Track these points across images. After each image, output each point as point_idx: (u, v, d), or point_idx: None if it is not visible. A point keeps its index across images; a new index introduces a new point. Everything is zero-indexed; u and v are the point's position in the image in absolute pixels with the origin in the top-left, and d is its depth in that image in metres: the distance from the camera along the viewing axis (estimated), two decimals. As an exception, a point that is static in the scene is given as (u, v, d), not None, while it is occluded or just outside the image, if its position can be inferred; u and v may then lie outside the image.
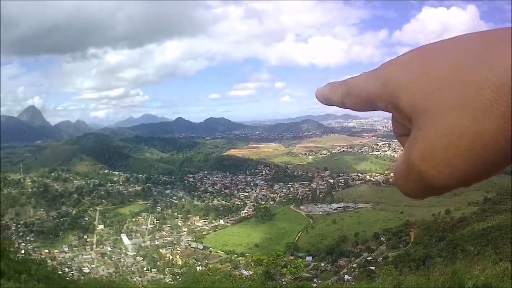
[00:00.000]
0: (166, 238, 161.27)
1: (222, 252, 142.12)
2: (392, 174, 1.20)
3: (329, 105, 1.37)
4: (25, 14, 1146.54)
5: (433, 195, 1.13)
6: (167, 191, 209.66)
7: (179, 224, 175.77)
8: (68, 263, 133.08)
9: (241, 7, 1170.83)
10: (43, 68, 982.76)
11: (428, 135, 1.00)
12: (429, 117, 1.00)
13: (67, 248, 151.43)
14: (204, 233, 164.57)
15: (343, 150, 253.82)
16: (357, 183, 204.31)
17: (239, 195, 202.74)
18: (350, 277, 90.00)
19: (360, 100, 1.19)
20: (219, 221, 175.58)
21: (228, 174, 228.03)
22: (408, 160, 1.07)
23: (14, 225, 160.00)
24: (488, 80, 0.92)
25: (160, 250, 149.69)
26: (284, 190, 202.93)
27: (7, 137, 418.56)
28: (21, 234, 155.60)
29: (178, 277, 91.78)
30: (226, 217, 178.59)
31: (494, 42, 0.96)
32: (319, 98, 1.39)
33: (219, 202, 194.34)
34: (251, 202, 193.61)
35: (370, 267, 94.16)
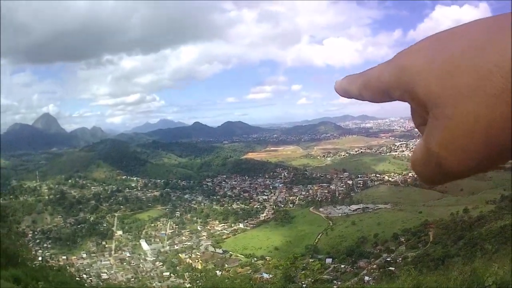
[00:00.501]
0: (185, 243, 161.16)
1: (242, 256, 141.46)
2: (410, 162, 1.24)
3: (348, 97, 1.40)
4: (38, 22, 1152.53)
5: (451, 180, 1.16)
6: (186, 196, 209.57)
7: (199, 228, 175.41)
8: (86, 270, 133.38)
9: (256, 9, 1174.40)
10: (57, 75, 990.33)
11: (447, 123, 1.04)
12: (445, 106, 1.04)
13: (85, 254, 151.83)
14: (224, 237, 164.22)
15: (361, 151, 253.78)
16: (375, 183, 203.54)
17: (258, 198, 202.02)
18: (370, 278, 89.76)
19: (377, 90, 1.23)
20: (239, 224, 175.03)
21: (246, 177, 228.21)
22: (427, 149, 1.11)
23: (30, 232, 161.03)
24: (498, 66, 0.96)
25: (180, 255, 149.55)
26: (303, 193, 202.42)
27: (22, 144, 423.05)
28: (38, 241, 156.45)
29: (198, 281, 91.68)
30: (246, 221, 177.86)
31: (503, 26, 0.99)
32: (338, 91, 1.42)
33: (238, 206, 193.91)
34: (270, 205, 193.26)
35: (390, 268, 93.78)
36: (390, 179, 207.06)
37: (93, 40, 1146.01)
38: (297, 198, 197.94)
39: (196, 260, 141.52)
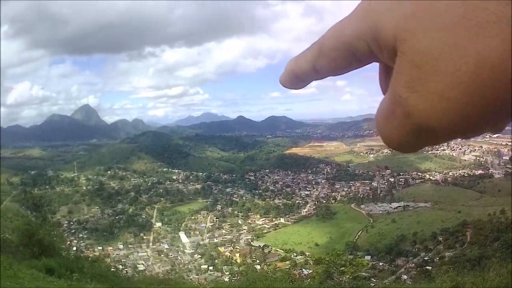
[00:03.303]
0: (225, 236, 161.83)
1: (282, 251, 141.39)
2: (375, 118, 0.96)
3: (299, 84, 1.17)
4: (76, 13, 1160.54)
5: (424, 142, 0.89)
6: (228, 190, 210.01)
7: (239, 222, 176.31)
8: (122, 261, 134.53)
9: (300, 4, 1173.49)
10: (97, 67, 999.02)
11: (418, 59, 0.79)
12: (416, 37, 0.79)
13: (121, 245, 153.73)
14: (264, 231, 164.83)
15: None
16: (417, 182, 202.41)
17: (301, 193, 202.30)
18: (407, 277, 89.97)
19: (337, 51, 0.98)
20: (280, 219, 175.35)
21: (289, 172, 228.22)
22: (393, 94, 0.86)
23: (66, 222, 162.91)
24: None
25: (219, 248, 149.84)
26: (345, 189, 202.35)
27: (60, 135, 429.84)
28: (73, 231, 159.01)
29: (236, 275, 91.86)
30: (287, 216, 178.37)
31: None
32: (286, 78, 1.17)
33: (280, 201, 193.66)
34: (312, 200, 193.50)
35: (427, 267, 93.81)
36: (431, 177, 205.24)
37: (135, 32, 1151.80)
38: (339, 194, 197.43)
39: (236, 254, 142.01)
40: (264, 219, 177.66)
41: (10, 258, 20.62)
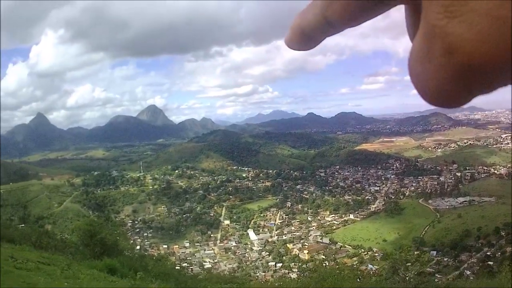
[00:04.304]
0: (294, 233, 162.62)
1: (350, 247, 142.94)
2: (408, 63, 0.80)
3: (307, 43, 1.10)
4: (137, 15, 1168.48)
5: (472, 87, 0.73)
6: (298, 186, 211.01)
7: (309, 219, 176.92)
8: (188, 259, 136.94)
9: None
10: (163, 68, 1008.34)
11: None
12: None
13: (188, 243, 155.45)
14: (334, 227, 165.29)
15: (470, 143, 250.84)
16: (482, 176, 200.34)
17: (370, 189, 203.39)
18: (470, 272, 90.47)
19: None
20: (349, 215, 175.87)
21: (359, 168, 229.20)
22: (426, 27, 0.73)
23: (130, 221, 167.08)
24: None
25: (288, 245, 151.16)
26: (414, 184, 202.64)
27: (124, 136, 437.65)
28: (137, 230, 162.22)
29: (305, 272, 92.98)
30: (356, 212, 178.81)
31: None
32: (292, 37, 1.10)
33: (350, 197, 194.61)
34: (381, 196, 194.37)
35: (489, 262, 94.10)
36: (495, 171, 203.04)
37: (201, 33, 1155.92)
38: (408, 189, 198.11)
39: (304, 251, 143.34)
40: (333, 215, 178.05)
41: (69, 258, 22.61)
